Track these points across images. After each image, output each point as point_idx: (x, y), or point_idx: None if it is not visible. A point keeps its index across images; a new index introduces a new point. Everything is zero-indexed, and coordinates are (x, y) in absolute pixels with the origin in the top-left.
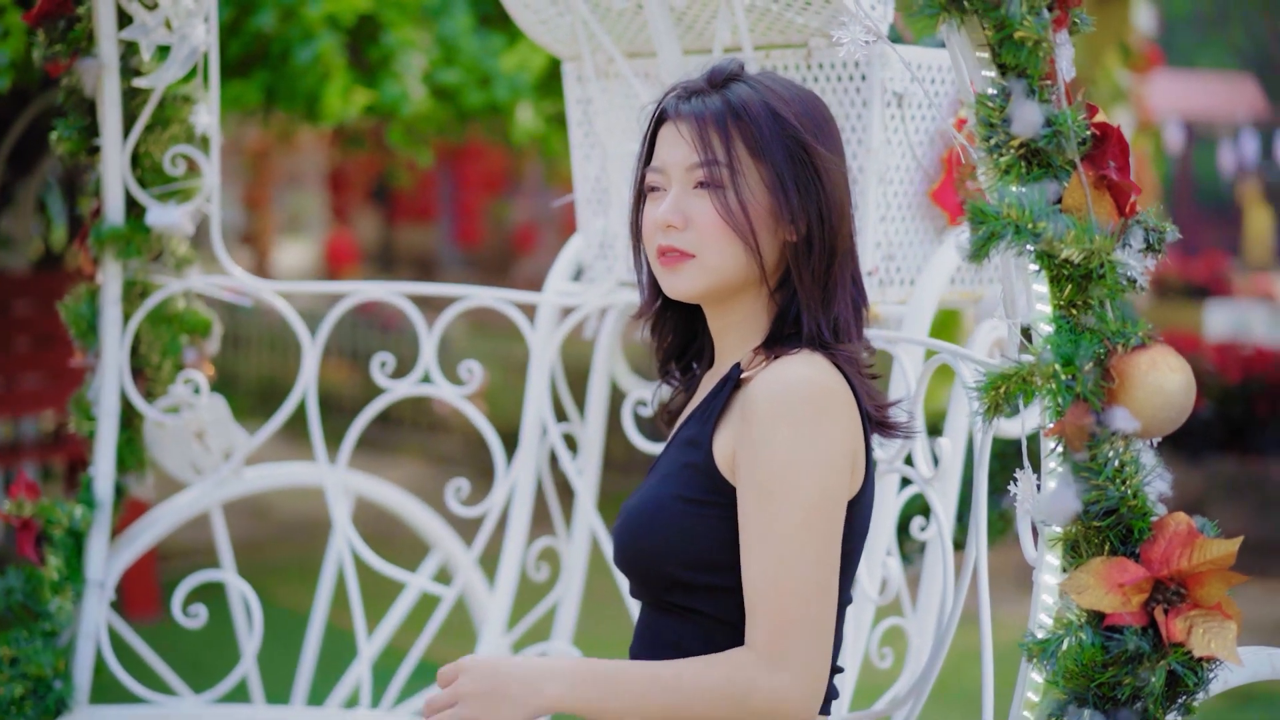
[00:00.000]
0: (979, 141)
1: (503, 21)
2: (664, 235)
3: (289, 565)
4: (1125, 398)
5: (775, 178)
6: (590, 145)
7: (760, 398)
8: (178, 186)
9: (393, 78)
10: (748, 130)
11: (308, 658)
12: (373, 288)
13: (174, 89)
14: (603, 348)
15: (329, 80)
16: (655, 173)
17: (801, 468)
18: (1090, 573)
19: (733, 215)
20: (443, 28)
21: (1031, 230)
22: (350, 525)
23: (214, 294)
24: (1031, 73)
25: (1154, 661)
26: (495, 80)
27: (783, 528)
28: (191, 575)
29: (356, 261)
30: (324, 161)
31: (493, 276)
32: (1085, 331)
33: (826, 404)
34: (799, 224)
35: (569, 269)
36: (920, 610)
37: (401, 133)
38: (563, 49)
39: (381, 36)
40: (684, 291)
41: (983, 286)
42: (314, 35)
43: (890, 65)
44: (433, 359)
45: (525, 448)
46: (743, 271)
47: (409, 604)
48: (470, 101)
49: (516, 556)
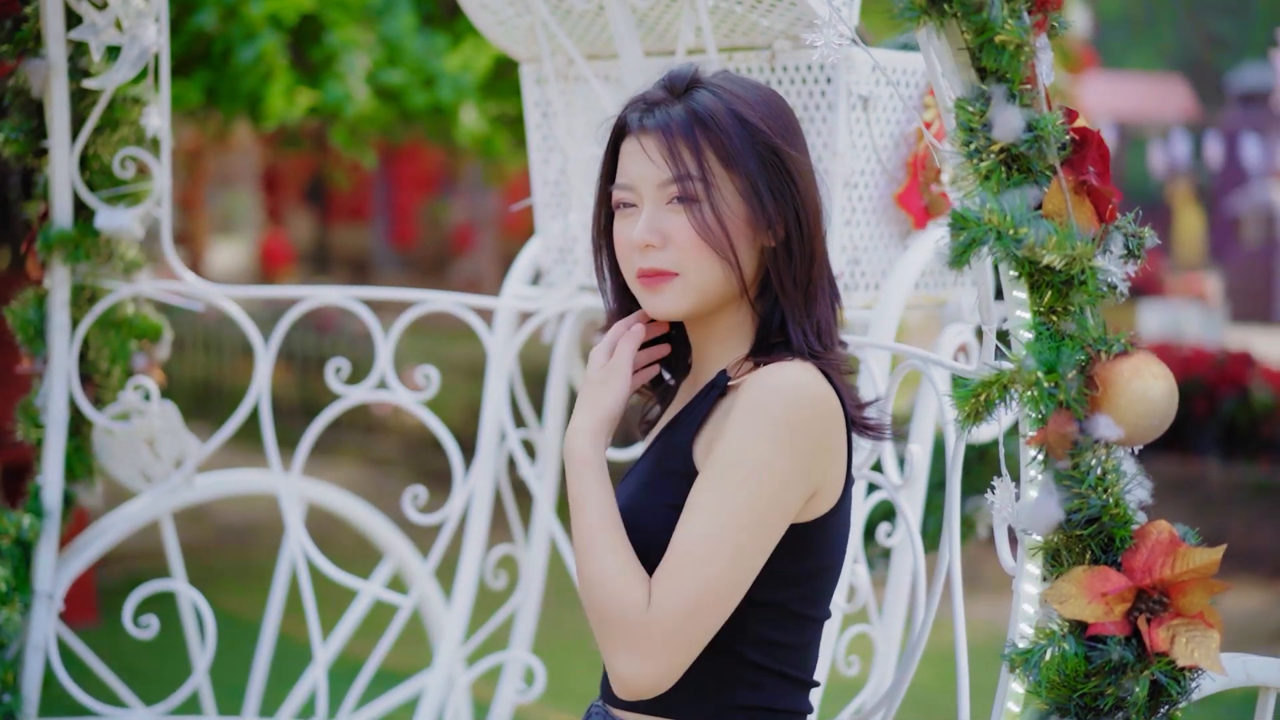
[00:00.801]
0: (959, 146)
1: (446, 22)
2: (643, 257)
3: (228, 570)
4: (1108, 405)
5: (749, 186)
6: (549, 148)
7: (749, 394)
8: (127, 189)
9: (336, 78)
10: (717, 140)
11: (259, 667)
12: (328, 292)
13: (124, 90)
14: (561, 352)
15: (272, 80)
16: (624, 190)
17: (759, 465)
18: (1072, 582)
19: (710, 231)
20: (386, 28)
21: (1013, 236)
22: (304, 533)
23: (164, 299)
24: (1012, 77)
25: (1138, 671)
26: (439, 81)
27: (719, 509)
28: (143, 584)
29: (291, 263)
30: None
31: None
32: (1066, 338)
33: (808, 415)
34: (777, 230)
35: (527, 272)
36: (886, 617)
37: (345, 133)
38: (520, 50)
39: (324, 36)
40: (669, 311)
41: (946, 291)
42: (256, 34)
43: (856, 68)
44: (389, 364)
45: (483, 454)
46: (726, 285)
47: (363, 611)
48: (414, 102)
49: (475, 564)
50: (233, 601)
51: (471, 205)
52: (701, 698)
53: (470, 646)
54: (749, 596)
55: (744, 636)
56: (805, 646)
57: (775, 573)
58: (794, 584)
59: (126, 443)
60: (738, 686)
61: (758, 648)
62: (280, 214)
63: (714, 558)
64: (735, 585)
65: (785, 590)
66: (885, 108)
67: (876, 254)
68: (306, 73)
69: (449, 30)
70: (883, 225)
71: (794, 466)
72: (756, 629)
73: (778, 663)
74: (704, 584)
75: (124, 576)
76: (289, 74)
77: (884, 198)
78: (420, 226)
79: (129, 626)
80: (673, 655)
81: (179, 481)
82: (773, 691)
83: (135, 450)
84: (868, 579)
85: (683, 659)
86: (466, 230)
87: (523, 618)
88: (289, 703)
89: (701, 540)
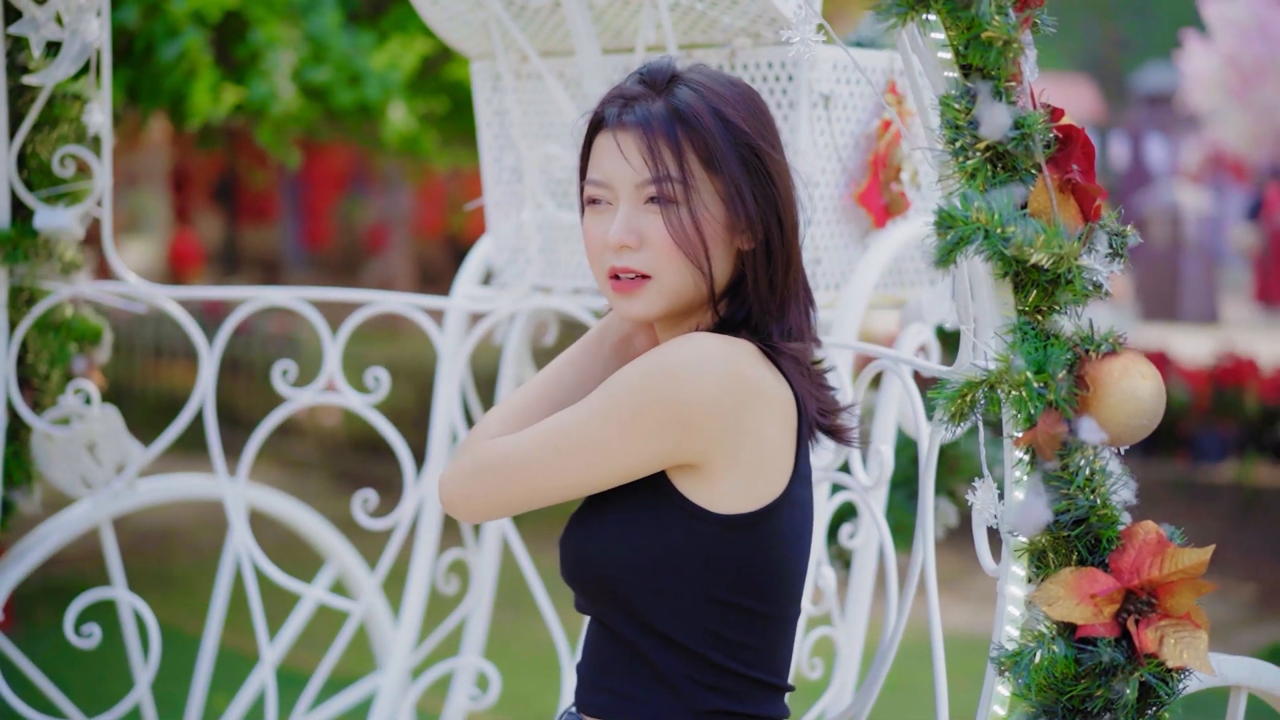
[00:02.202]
0: (944, 144)
1: (371, 19)
2: (616, 256)
3: (144, 576)
4: (1097, 405)
5: (731, 189)
6: (501, 147)
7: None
8: (67, 189)
9: (261, 76)
10: (700, 141)
11: (200, 677)
12: (275, 294)
13: (64, 87)
14: (511, 353)
15: (196, 78)
16: (598, 186)
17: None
18: (1060, 584)
19: (686, 236)
20: (311, 25)
21: (1001, 235)
22: (252, 539)
23: (104, 300)
24: (998, 74)
25: (1128, 673)
26: (366, 79)
27: (570, 417)
28: (86, 593)
29: (201, 263)
30: (165, 160)
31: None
32: (1052, 338)
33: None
34: (756, 232)
35: (477, 273)
36: (849, 619)
37: (270, 132)
38: (471, 47)
39: (249, 34)
40: (641, 314)
41: (904, 290)
42: (179, 31)
43: (818, 66)
44: (337, 367)
45: (434, 457)
46: (698, 290)
47: (306, 616)
48: (340, 100)
49: (426, 569)
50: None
51: (384, 205)
52: (671, 702)
53: (421, 653)
54: (704, 590)
55: (702, 636)
56: (771, 648)
57: (715, 564)
58: (748, 579)
59: (66, 448)
60: (705, 691)
61: (719, 648)
62: (188, 214)
63: (540, 441)
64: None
65: (731, 586)
66: (846, 106)
67: (837, 253)
68: (230, 70)
69: (374, 27)
70: (843, 224)
71: (656, 413)
72: (713, 627)
73: (744, 665)
74: (518, 453)
75: (41, 580)
76: (213, 71)
77: (844, 197)
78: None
79: (70, 636)
80: (468, 484)
81: (121, 487)
82: (741, 696)
83: (75, 455)
84: (833, 581)
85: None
86: (379, 230)
87: (474, 622)
88: (233, 709)
89: (547, 425)
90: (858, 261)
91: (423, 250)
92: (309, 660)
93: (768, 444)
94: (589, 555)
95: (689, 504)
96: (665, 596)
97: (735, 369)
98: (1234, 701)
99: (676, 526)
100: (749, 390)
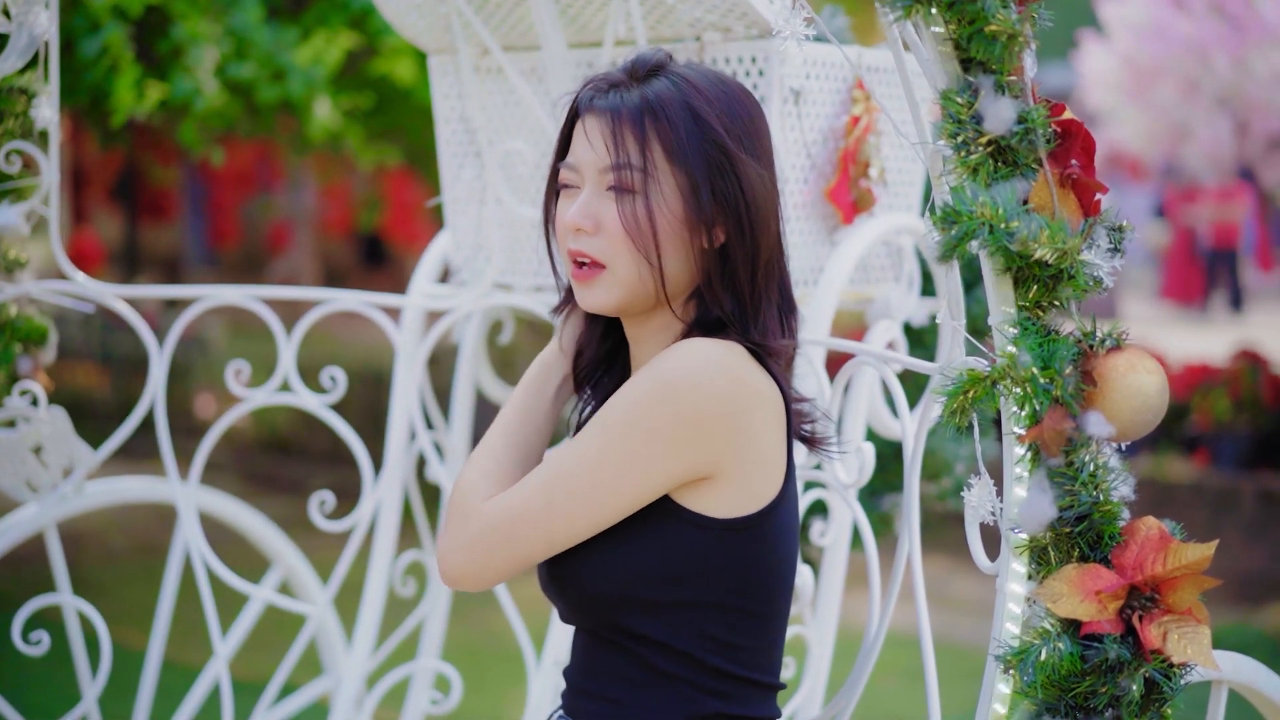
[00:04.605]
0: (945, 139)
1: (294, 15)
2: (574, 239)
3: None
4: (1103, 401)
5: (691, 184)
6: (460, 142)
7: (665, 353)
8: (12, 185)
9: (184, 72)
10: (665, 132)
11: (146, 685)
12: (227, 292)
13: (9, 81)
14: (468, 352)
15: (118, 74)
16: (569, 170)
17: (630, 424)
18: (1064, 580)
19: (638, 227)
20: (233, 20)
21: (1005, 230)
22: (205, 542)
23: (51, 299)
24: (1000, 68)
25: (1133, 669)
26: (290, 74)
27: (576, 454)
28: (33, 599)
29: (101, 263)
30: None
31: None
32: (1052, 333)
33: (709, 394)
34: (716, 233)
35: (434, 270)
36: (820, 618)
37: (194, 130)
38: (429, 41)
39: (171, 29)
40: (597, 305)
41: (872, 287)
42: (100, 26)
43: (788, 61)
44: (292, 366)
45: (393, 460)
46: (654, 283)
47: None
48: (264, 96)
49: (384, 571)
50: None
51: (289, 203)
52: (667, 707)
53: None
54: (705, 597)
55: (701, 641)
56: (768, 648)
57: (717, 571)
58: (745, 580)
59: (11, 451)
60: (703, 695)
61: (719, 652)
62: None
63: (546, 491)
64: (555, 523)
65: (733, 590)
66: (815, 101)
67: (806, 250)
68: (152, 66)
69: (297, 23)
70: (812, 221)
71: (667, 433)
72: (712, 632)
73: (741, 667)
74: (525, 508)
75: None
76: (135, 67)
77: (813, 193)
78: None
79: (18, 643)
80: (476, 553)
81: (68, 490)
82: (739, 699)
83: (21, 458)
84: (810, 579)
85: (484, 562)
86: (283, 228)
87: (431, 624)
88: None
89: (547, 472)
90: (826, 258)
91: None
92: (250, 668)
93: (767, 445)
94: (580, 577)
95: (689, 514)
96: (665, 608)
97: (736, 373)
98: (1215, 696)
99: (677, 540)
100: (750, 393)
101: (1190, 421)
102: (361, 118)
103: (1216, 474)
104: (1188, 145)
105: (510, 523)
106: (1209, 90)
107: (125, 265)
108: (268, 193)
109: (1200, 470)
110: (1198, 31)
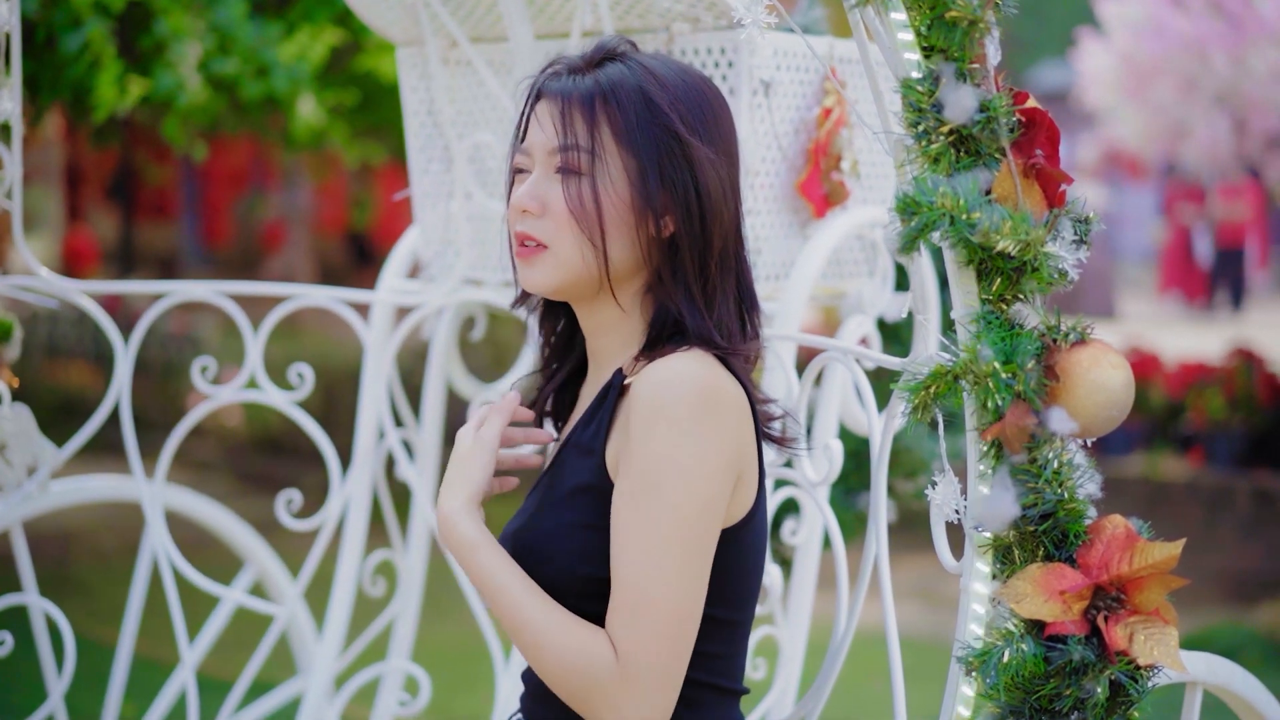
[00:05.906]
0: (906, 128)
1: (278, 10)
2: (520, 221)
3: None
4: (1066, 396)
5: (640, 169)
6: (428, 136)
7: (641, 396)
8: None
9: (167, 67)
10: (615, 115)
11: (116, 685)
12: (194, 288)
13: None
14: (439, 348)
15: (100, 69)
16: (522, 154)
17: (679, 470)
18: (1028, 580)
19: (583, 208)
20: (217, 16)
21: (966, 221)
22: (171, 542)
23: (15, 295)
24: (961, 56)
25: (1098, 671)
26: (273, 71)
27: (655, 531)
28: None
29: (96, 261)
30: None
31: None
32: (1017, 327)
33: (711, 404)
34: (665, 221)
35: (404, 265)
36: (791, 618)
37: (176, 126)
38: (398, 33)
39: (153, 24)
40: (537, 285)
41: (845, 281)
42: (82, 21)
43: (758, 52)
44: (259, 363)
45: (361, 457)
46: (598, 268)
47: (224, 619)
48: (248, 92)
49: (353, 570)
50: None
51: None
52: None
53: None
54: None
55: None
56: (734, 655)
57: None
58: (722, 590)
59: None
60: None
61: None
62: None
63: (664, 581)
64: (693, 600)
65: (713, 599)
66: (786, 93)
67: (777, 244)
68: (134, 62)
69: (281, 18)
70: (783, 214)
71: (716, 463)
72: None
73: (711, 675)
74: (663, 612)
75: None
76: (117, 63)
77: (784, 186)
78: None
79: None
80: (665, 693)
81: (33, 489)
82: (702, 705)
83: None
84: (780, 579)
85: (672, 692)
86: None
87: (402, 624)
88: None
89: (645, 568)
90: (798, 252)
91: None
92: (225, 667)
93: (749, 452)
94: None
95: None
96: None
97: (718, 382)
98: (1189, 698)
99: None
100: (734, 405)
101: (1185, 420)
102: (346, 114)
103: (1211, 473)
104: (1186, 143)
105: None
106: (1208, 88)
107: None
108: (263, 191)
109: (1195, 469)
110: (1196, 29)
